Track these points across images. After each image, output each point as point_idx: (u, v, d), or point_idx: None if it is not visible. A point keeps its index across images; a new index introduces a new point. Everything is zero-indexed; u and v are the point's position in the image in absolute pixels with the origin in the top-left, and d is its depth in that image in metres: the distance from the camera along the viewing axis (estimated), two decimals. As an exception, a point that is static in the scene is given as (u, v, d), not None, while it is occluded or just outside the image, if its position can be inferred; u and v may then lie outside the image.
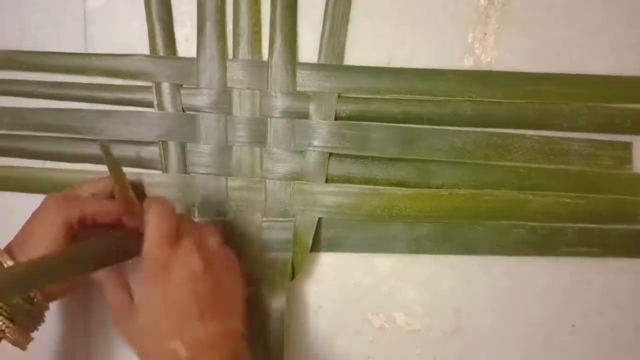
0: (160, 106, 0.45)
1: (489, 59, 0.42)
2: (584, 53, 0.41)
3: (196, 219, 0.44)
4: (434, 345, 0.44)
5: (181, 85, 0.44)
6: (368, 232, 0.44)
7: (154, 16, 0.45)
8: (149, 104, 0.45)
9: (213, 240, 0.38)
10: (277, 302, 0.42)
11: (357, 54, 0.43)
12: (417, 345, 0.45)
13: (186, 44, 0.45)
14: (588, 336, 0.43)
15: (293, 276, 0.44)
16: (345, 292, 0.45)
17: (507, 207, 0.42)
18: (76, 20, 0.46)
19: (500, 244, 0.43)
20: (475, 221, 0.43)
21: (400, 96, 0.42)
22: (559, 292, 0.43)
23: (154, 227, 0.34)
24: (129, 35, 0.45)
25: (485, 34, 0.42)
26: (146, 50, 0.45)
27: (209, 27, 0.44)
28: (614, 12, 0.41)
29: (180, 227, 0.36)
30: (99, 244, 0.35)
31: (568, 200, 0.42)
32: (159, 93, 0.44)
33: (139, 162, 0.45)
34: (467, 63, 0.42)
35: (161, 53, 0.44)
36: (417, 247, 0.43)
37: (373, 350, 0.45)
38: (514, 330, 0.44)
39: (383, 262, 0.44)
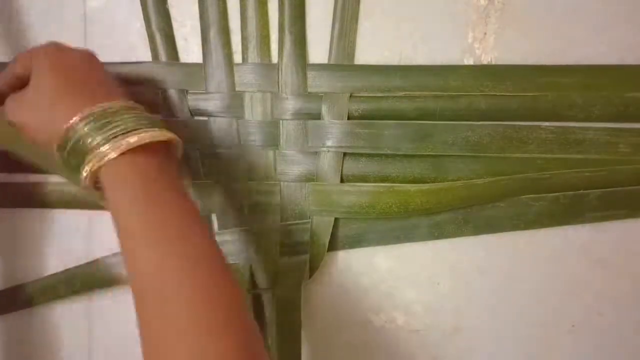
0: (169, 113, 0.44)
1: (489, 59, 0.42)
2: (584, 53, 0.41)
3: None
4: (434, 345, 0.44)
5: (187, 91, 0.44)
6: (388, 224, 0.44)
7: (154, 26, 0.44)
8: (156, 111, 0.44)
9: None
10: (294, 304, 0.42)
11: (367, 53, 0.43)
12: (417, 345, 0.45)
13: (185, 43, 0.44)
14: (588, 336, 0.43)
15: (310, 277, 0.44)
16: (345, 292, 0.45)
17: (527, 185, 0.42)
18: (76, 20, 0.45)
19: (522, 218, 0.43)
20: (495, 201, 0.43)
21: (413, 93, 0.42)
22: (559, 292, 0.43)
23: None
24: (129, 35, 0.45)
25: (485, 34, 0.42)
26: (147, 51, 0.45)
27: (213, 33, 0.43)
28: (614, 12, 0.41)
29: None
30: None
31: (588, 174, 0.42)
32: (165, 99, 0.44)
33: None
34: (467, 63, 0.42)
35: (164, 61, 0.44)
36: (439, 232, 0.43)
37: (373, 350, 0.45)
38: (514, 330, 0.44)
39: (383, 262, 0.44)
